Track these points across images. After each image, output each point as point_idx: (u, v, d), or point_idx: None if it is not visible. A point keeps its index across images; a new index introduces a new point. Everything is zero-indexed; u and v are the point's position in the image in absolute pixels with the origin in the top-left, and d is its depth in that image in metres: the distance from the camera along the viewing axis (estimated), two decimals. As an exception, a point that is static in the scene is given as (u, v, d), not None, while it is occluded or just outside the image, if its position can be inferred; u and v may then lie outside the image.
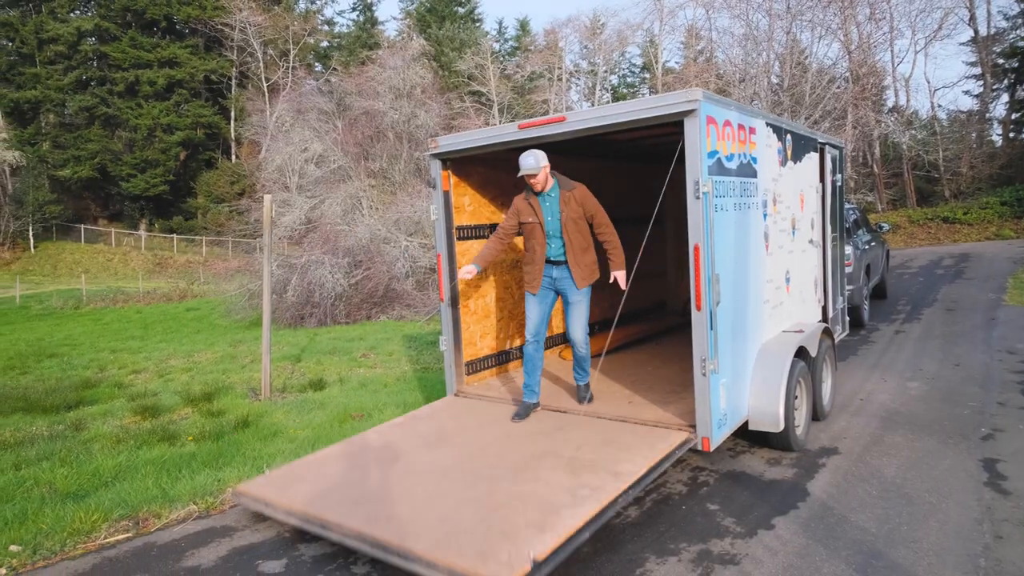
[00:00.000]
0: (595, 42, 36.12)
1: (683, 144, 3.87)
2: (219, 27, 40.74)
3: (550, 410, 4.74)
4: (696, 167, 3.79)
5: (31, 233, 39.84)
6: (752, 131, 4.51)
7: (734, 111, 4.24)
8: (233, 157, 43.41)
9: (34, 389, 8.51)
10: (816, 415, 5.09)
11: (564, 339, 6.61)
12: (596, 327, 7.01)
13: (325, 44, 48.22)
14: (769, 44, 23.80)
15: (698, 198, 3.80)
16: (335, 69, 35.51)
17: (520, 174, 4.42)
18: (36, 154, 40.18)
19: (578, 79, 39.53)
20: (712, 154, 3.92)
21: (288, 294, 13.89)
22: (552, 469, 3.65)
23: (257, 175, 26.45)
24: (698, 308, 3.84)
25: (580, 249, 4.57)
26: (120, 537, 3.56)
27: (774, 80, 24.84)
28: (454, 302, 5.25)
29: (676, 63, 39.73)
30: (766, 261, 4.74)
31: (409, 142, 21.09)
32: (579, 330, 4.65)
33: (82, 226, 41.98)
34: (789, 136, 5.25)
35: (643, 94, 42.18)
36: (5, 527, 3.55)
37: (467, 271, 4.63)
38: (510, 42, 49.14)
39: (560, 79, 33.83)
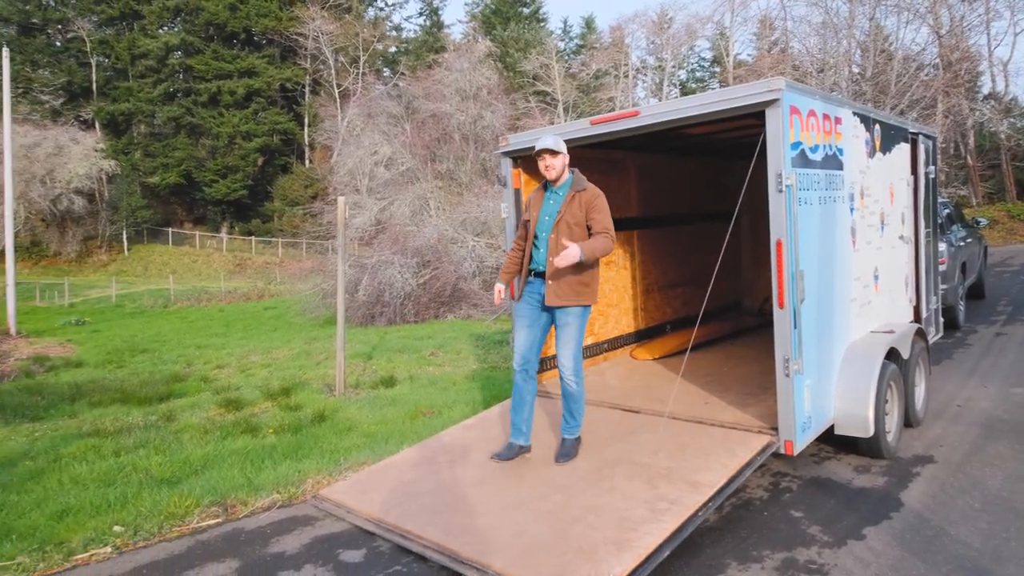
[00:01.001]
0: (662, 37, 35.46)
1: (764, 136, 3.72)
2: (294, 37, 42.37)
3: (622, 410, 4.65)
4: (778, 159, 3.64)
5: (125, 236, 42.58)
6: (838, 121, 4.29)
7: (819, 100, 4.05)
8: (307, 162, 45.06)
9: (129, 382, 9.08)
10: (908, 421, 4.80)
11: (636, 336, 6.50)
12: (668, 326, 6.87)
13: (393, 49, 49.36)
14: (849, 31, 22.69)
15: (780, 191, 3.64)
16: (403, 73, 36.32)
17: (536, 149, 3.79)
18: (129, 163, 42.91)
19: (645, 75, 38.92)
20: (795, 145, 3.75)
21: (359, 293, 14.28)
22: (628, 478, 3.57)
23: (329, 178, 27.35)
24: (780, 306, 3.68)
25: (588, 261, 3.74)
26: (211, 522, 3.73)
27: (855, 70, 23.67)
28: (524, 300, 5.22)
29: (748, 55, 38.53)
30: (853, 257, 4.50)
31: (475, 143, 21.32)
32: (567, 358, 3.82)
33: (170, 229, 44.52)
34: (878, 126, 4.97)
35: (713, 88, 41.09)
36: (108, 509, 3.79)
37: (497, 291, 4.08)
38: (575, 40, 48.92)
39: (626, 76, 33.38)
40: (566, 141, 4.63)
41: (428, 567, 3.16)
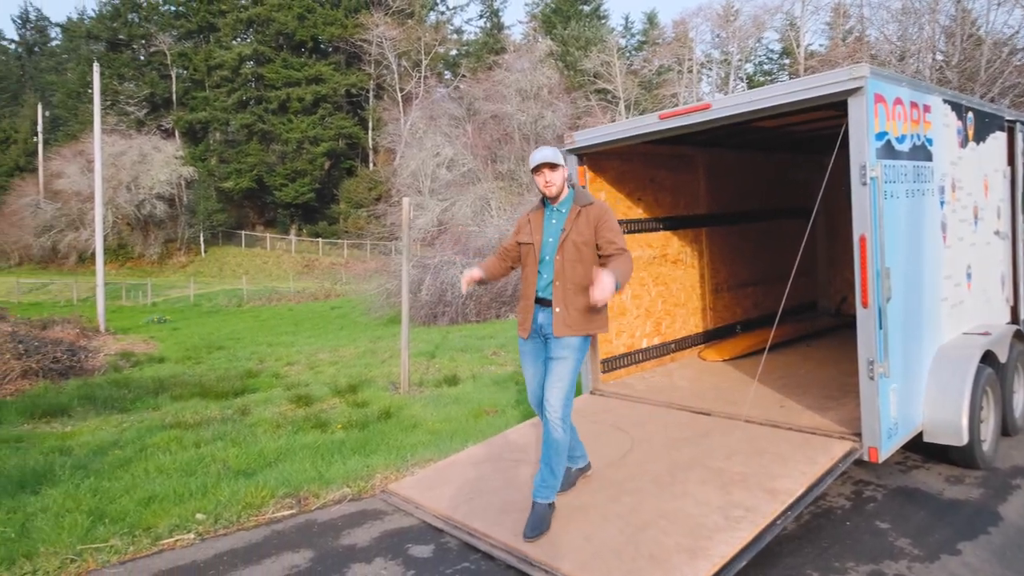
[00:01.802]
0: (728, 30, 34.50)
1: (846, 126, 3.53)
2: (358, 43, 43.50)
3: (692, 411, 4.52)
4: (862, 150, 3.45)
5: (202, 239, 44.72)
6: (927, 109, 4.04)
7: (905, 87, 3.82)
8: (371, 165, 46.16)
9: (207, 377, 9.51)
10: (1006, 430, 4.47)
11: (704, 337, 6.32)
12: (739, 327, 6.65)
13: (454, 52, 49.98)
14: (932, 16, 21.43)
15: (864, 184, 3.45)
16: (464, 75, 36.70)
17: (533, 164, 3.32)
18: (205, 169, 45.06)
19: (709, 70, 37.97)
20: (881, 136, 3.55)
21: (422, 293, 14.49)
22: (700, 483, 3.46)
23: (392, 181, 27.92)
24: (864, 305, 3.49)
25: (575, 285, 3.27)
26: (285, 513, 3.84)
27: (939, 57, 22.35)
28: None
29: (820, 46, 36.97)
30: (943, 254, 4.22)
31: (536, 143, 21.30)
32: (556, 397, 3.22)
33: (243, 232, 46.48)
34: (971, 113, 4.65)
35: (782, 81, 39.66)
36: (190, 497, 3.96)
37: (466, 278, 3.58)
38: (637, 37, 48.24)
39: (690, 71, 32.65)
40: (634, 138, 4.57)
41: (496, 565, 3.15)
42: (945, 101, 4.29)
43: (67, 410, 7.35)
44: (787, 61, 40.24)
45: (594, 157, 5.18)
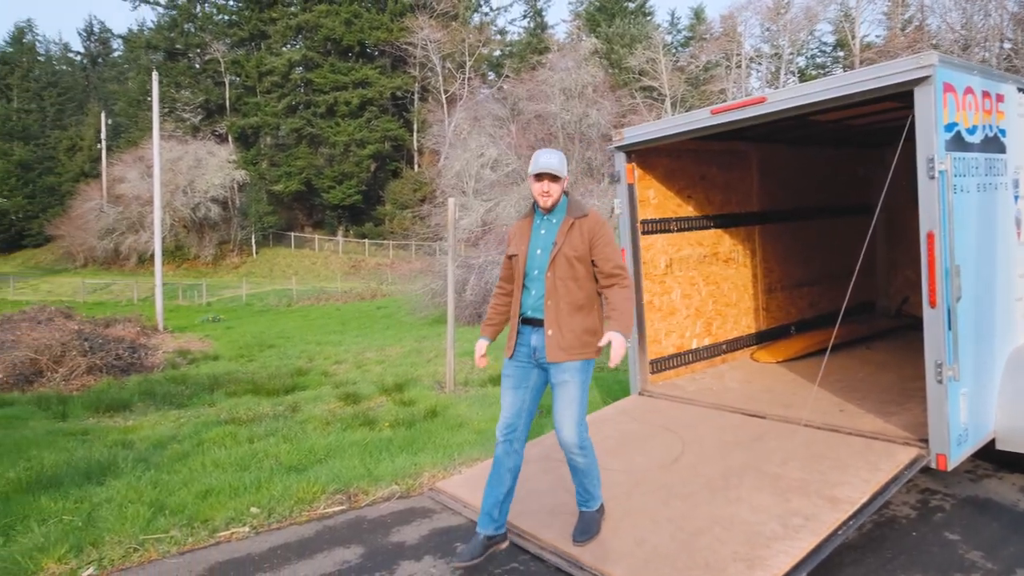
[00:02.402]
0: (779, 23, 33.61)
1: (912, 118, 3.37)
2: (403, 47, 44.11)
3: (745, 414, 4.40)
4: (930, 143, 3.29)
5: (254, 240, 46.06)
6: (999, 99, 3.83)
7: (976, 76, 3.63)
8: (416, 166, 46.74)
9: (259, 374, 9.76)
10: (1086, 438, 4.19)
11: (757, 338, 6.15)
12: (793, 328, 6.44)
13: (498, 53, 50.19)
14: (1000, 2, 20.40)
15: (932, 178, 3.29)
16: (507, 76, 36.80)
17: (535, 170, 3.04)
18: (257, 172, 46.39)
19: (759, 64, 37.04)
20: (950, 127, 3.38)
21: (466, 293, 14.55)
22: (755, 489, 3.35)
23: (437, 182, 28.18)
24: (932, 305, 3.32)
25: (568, 305, 2.99)
26: (336, 509, 3.89)
27: (1006, 45, 21.27)
28: (638, 298, 5.08)
29: (877, 37, 35.70)
30: (1017, 252, 3.99)
31: (580, 142, 21.18)
32: (568, 426, 3.00)
33: (292, 233, 47.67)
34: (1047, 102, 4.38)
35: (836, 74, 38.41)
36: (245, 491, 4.05)
37: (479, 350, 3.31)
38: (683, 32, 47.50)
39: (739, 66, 31.96)
40: (685, 133, 4.47)
41: (545, 567, 3.12)
42: (1020, 90, 4.06)
43: (129, 405, 7.64)
44: (841, 54, 38.96)
45: (643, 154, 5.09)
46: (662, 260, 5.31)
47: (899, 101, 3.71)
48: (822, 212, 6.87)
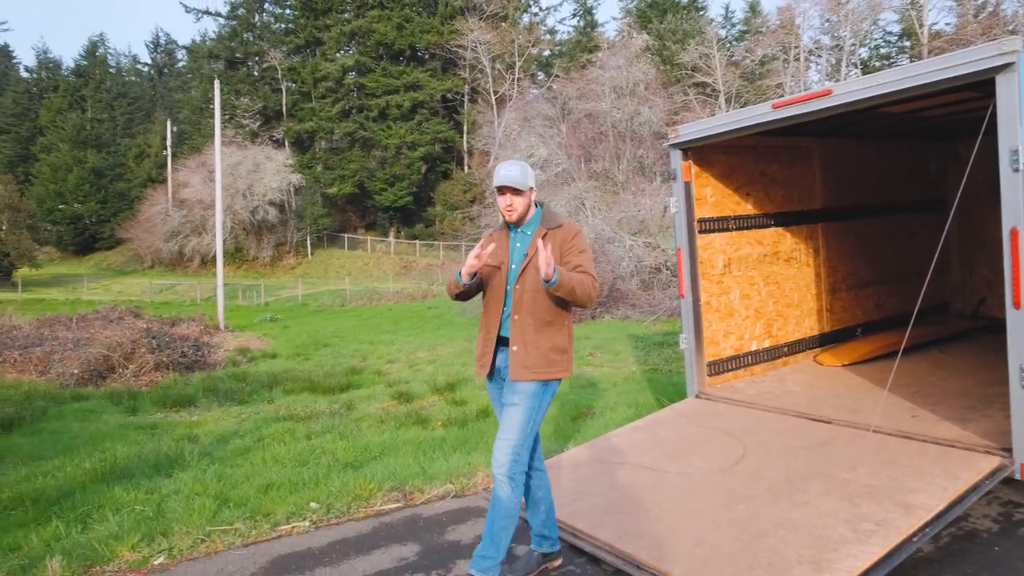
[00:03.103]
0: (840, 13, 32.38)
1: (993, 107, 3.18)
2: (454, 49, 44.56)
3: (809, 419, 4.24)
4: (1014, 133, 3.09)
5: (309, 242, 47.33)
6: (1091, 84, 3.56)
7: (1065, 60, 3.38)
8: (466, 167, 47.12)
9: (315, 372, 10.00)
10: None
11: (820, 340, 5.92)
12: (859, 330, 6.19)
13: (547, 53, 50.12)
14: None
15: (1016, 171, 3.10)
16: (557, 75, 36.67)
17: (496, 183, 2.86)
18: (312, 175, 47.65)
19: (818, 57, 35.81)
20: (1036, 116, 3.16)
21: (517, 293, 14.55)
22: (822, 493, 3.22)
23: (487, 182, 28.28)
24: (1016, 305, 3.12)
25: (536, 320, 2.81)
26: (392, 506, 3.94)
27: (1088, 29, 19.93)
28: (695, 299, 4.97)
29: (947, 24, 34.01)
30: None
31: (632, 140, 20.92)
32: (504, 449, 2.75)
33: (345, 235, 48.76)
34: None
35: (902, 65, 36.74)
36: (304, 486, 4.15)
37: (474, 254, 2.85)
38: (737, 26, 46.41)
39: (796, 59, 30.96)
40: (744, 129, 4.34)
41: (601, 569, 3.07)
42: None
43: (193, 401, 7.94)
44: (907, 43, 37.30)
45: (699, 151, 4.97)
46: (720, 259, 5.18)
47: (978, 90, 3.50)
48: (889, 208, 6.58)
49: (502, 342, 2.90)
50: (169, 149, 49.78)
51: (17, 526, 3.62)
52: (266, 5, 51.70)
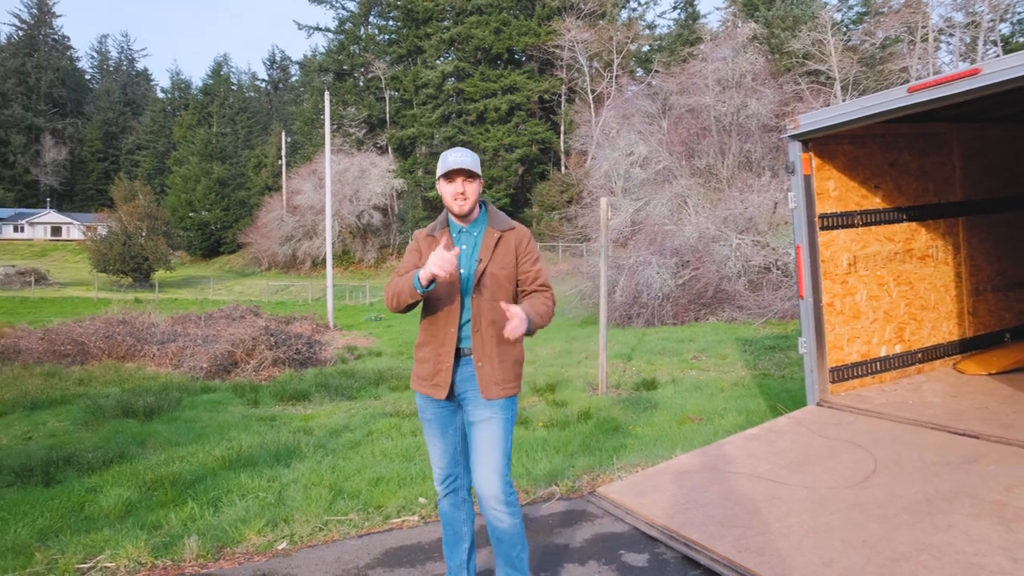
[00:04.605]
0: (976, -13, 29.49)
1: None
2: (551, 50, 44.69)
3: (952, 433, 3.84)
4: None
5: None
6: None
7: None
8: (563, 168, 47.08)
9: (420, 370, 10.26)
10: None
11: (961, 346, 5.37)
12: (1007, 335, 5.56)
13: (646, 48, 49.18)
14: None
15: None
16: (657, 71, 35.83)
17: (447, 168, 2.57)
18: (413, 180, 49.34)
19: (950, 36, 32.74)
20: None
21: (616, 294, 14.33)
22: (971, 516, 2.90)
23: (584, 182, 28.12)
24: None
25: (498, 334, 2.54)
26: (497, 507, 3.94)
27: None
28: (816, 300, 4.64)
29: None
30: None
31: (738, 134, 20.05)
32: (489, 474, 2.54)
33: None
34: None
35: (1043, 44, 33.02)
36: (411, 481, 4.24)
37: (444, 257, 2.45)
38: (855, 8, 43.39)
39: (924, 40, 28.47)
40: (875, 116, 4.01)
41: (719, 586, 2.91)
42: None
43: (307, 395, 8.36)
44: (1055, 17, 33.43)
45: (821, 142, 4.64)
46: (844, 258, 4.81)
47: None
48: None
49: (459, 354, 2.59)
50: (283, 159, 53.22)
51: (159, 505, 3.93)
52: (371, 18, 54.11)
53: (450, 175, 2.58)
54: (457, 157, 2.57)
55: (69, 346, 11.33)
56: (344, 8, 55.19)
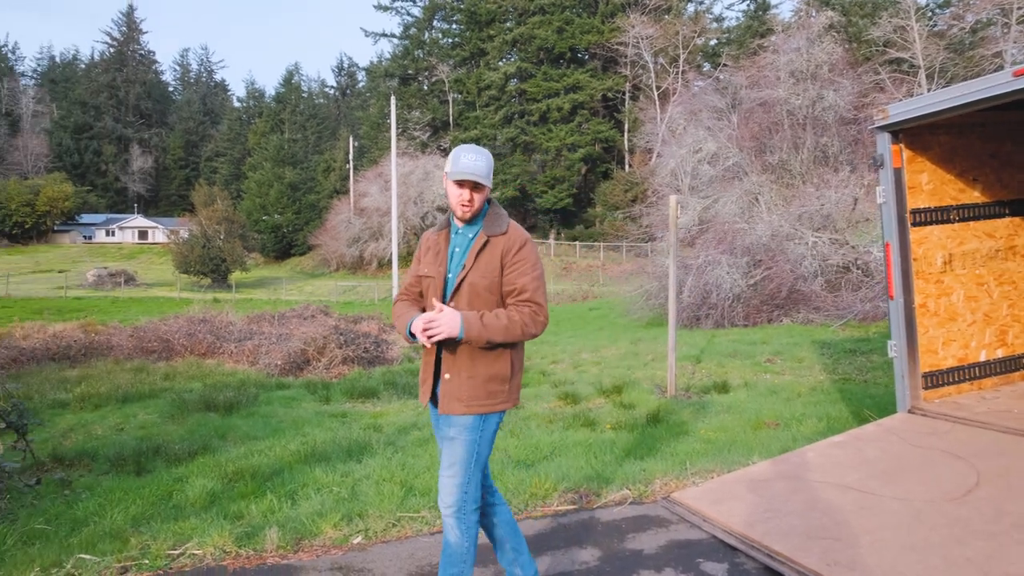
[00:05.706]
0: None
1: None
2: (614, 47, 44.22)
3: (1066, 446, 3.52)
4: None
5: (473, 245, 49.57)
6: None
7: None
8: (627, 167, 46.51)
9: (484, 370, 10.31)
10: None
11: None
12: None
13: (714, 42, 47.97)
14: None
15: None
16: (725, 65, 34.87)
17: (455, 175, 2.42)
18: (476, 181, 49.95)
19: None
20: None
21: (683, 295, 13.99)
22: (1094, 532, 2.64)
23: (649, 181, 27.66)
24: None
25: (471, 345, 2.40)
26: (567, 507, 3.88)
27: None
28: (908, 300, 4.36)
29: None
30: None
31: (813, 128, 19.22)
32: (449, 490, 2.45)
33: (507, 238, 50.35)
34: None
35: None
36: (481, 483, 4.23)
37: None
38: (940, -7, 41.01)
39: (1021, 22, 26.52)
40: (975, 104, 3.74)
41: (805, 601, 2.76)
42: None
43: (376, 393, 8.52)
44: None
45: (913, 133, 4.36)
46: (939, 256, 4.50)
47: None
48: None
49: (439, 364, 2.51)
50: (351, 163, 54.77)
51: (240, 497, 4.08)
52: (435, 22, 55.03)
53: (461, 182, 2.46)
54: (470, 164, 2.42)
55: (155, 343, 11.98)
56: (409, 14, 56.40)
